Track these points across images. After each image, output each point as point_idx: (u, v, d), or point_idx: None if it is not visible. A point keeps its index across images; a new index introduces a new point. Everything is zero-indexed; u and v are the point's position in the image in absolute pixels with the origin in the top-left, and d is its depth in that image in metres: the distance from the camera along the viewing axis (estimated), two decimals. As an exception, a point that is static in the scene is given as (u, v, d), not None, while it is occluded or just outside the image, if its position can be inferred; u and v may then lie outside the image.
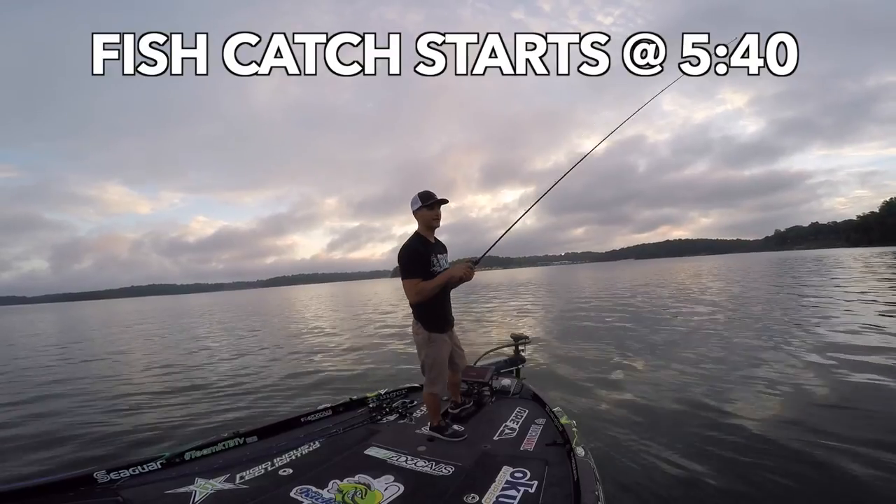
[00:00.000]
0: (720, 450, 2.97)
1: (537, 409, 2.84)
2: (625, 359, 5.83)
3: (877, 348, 5.43)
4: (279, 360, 7.56)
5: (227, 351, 9.27)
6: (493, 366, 3.44)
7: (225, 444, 2.42)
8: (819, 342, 5.96)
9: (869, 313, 8.13)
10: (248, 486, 2.02)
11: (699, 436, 3.21)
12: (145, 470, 2.13)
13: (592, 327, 8.98)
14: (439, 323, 2.57)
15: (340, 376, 6.05)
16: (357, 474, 2.04)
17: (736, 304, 11.20)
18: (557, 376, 5.21)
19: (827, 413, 3.49)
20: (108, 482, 2.01)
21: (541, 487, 1.84)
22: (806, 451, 2.86)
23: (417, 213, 2.56)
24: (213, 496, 1.92)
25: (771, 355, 5.39)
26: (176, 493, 1.94)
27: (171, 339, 12.69)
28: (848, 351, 5.35)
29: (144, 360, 8.67)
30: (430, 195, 2.54)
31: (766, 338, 6.46)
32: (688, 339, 6.85)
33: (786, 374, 4.58)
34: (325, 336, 10.69)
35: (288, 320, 16.42)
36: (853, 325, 7.01)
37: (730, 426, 3.36)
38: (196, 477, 2.08)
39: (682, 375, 4.82)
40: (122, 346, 11.78)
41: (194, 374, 6.89)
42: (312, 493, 1.88)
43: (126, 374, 7.42)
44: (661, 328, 8.20)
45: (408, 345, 7.81)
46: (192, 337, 12.74)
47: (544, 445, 2.28)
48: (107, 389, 6.11)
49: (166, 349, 10.27)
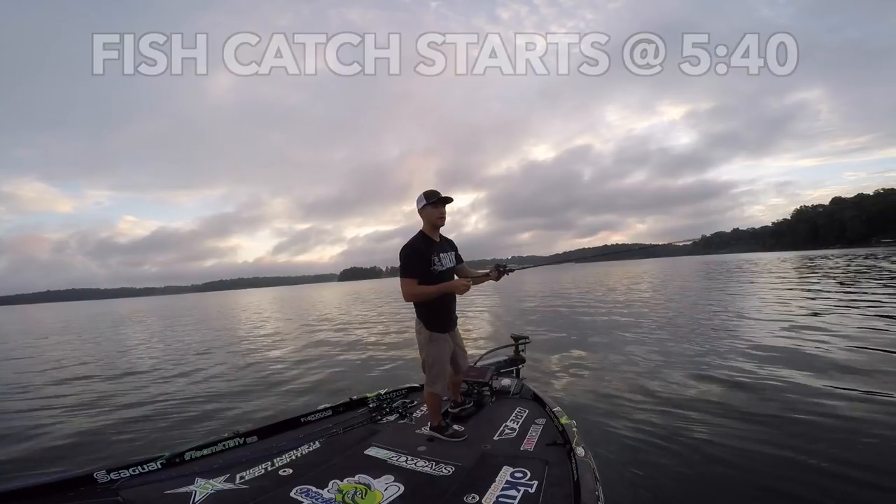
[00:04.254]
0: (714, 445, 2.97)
1: (537, 409, 2.84)
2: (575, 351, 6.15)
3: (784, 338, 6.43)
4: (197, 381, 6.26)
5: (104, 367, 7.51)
6: (493, 366, 3.43)
7: (225, 444, 2.42)
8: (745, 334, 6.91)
9: (775, 310, 9.34)
10: (248, 486, 2.02)
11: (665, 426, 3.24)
12: (145, 470, 2.13)
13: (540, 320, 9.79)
14: (441, 322, 2.56)
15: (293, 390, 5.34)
16: (357, 474, 2.04)
17: (665, 302, 12.42)
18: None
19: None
20: (108, 482, 2.01)
21: (541, 487, 1.84)
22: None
23: (423, 211, 2.54)
24: (214, 496, 1.92)
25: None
26: (176, 493, 1.94)
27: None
28: (770, 341, 6.25)
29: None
30: (434, 193, 2.52)
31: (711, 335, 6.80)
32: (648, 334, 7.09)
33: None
34: (264, 349, 9.15)
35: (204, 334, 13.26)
36: (762, 316, 8.31)
37: (717, 414, 3.40)
38: (196, 477, 2.08)
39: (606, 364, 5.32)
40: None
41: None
42: (312, 494, 1.88)
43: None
44: (600, 325, 8.83)
45: (359, 354, 7.57)
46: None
47: (544, 445, 2.28)
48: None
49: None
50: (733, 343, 6.27)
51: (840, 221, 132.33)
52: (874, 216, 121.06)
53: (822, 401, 3.72)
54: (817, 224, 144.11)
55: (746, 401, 3.88)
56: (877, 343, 5.70)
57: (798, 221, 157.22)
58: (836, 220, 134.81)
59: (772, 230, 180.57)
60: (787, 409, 3.61)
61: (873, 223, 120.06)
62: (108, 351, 10.53)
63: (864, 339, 5.98)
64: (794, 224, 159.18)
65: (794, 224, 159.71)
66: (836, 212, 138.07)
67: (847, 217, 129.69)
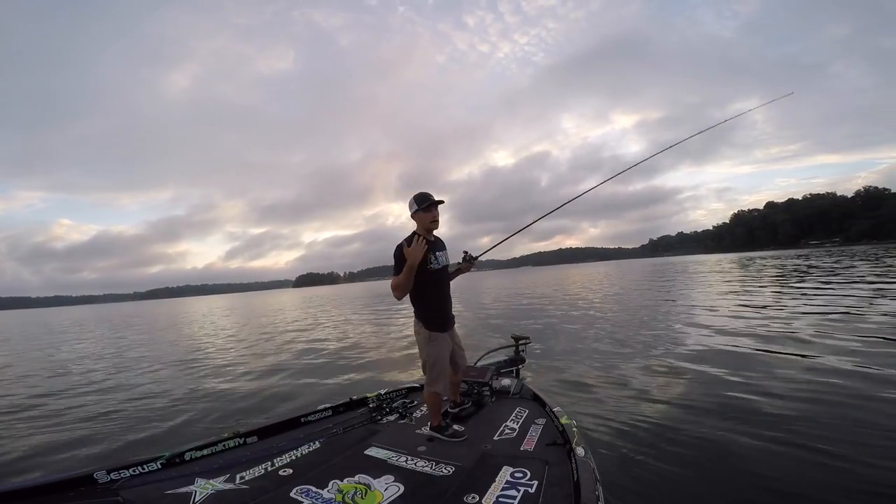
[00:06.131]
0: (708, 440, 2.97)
1: (537, 409, 2.83)
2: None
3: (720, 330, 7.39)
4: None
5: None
6: (493, 366, 3.44)
7: (225, 445, 2.42)
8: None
9: (712, 307, 10.62)
10: (248, 486, 2.02)
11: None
12: (145, 470, 2.13)
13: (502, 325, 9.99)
14: (439, 322, 2.57)
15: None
16: (357, 474, 2.04)
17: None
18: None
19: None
20: (109, 482, 2.01)
21: (541, 487, 1.84)
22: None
23: (415, 216, 2.54)
24: (214, 496, 1.92)
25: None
26: (176, 493, 1.94)
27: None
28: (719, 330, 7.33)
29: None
30: (425, 197, 2.51)
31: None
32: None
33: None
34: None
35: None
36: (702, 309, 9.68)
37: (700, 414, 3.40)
38: (196, 477, 2.08)
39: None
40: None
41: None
42: (312, 494, 1.88)
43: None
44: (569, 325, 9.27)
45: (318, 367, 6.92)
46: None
47: (544, 445, 2.28)
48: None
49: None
50: (732, 342, 6.25)
51: (773, 225, 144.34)
52: (802, 220, 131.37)
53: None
54: (753, 227, 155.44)
55: (740, 395, 3.87)
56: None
57: (736, 225, 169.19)
58: (770, 223, 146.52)
59: (712, 233, 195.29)
60: (791, 404, 3.59)
61: (802, 226, 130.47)
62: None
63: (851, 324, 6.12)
64: (733, 227, 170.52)
65: (732, 227, 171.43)
66: (770, 215, 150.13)
67: (779, 221, 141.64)
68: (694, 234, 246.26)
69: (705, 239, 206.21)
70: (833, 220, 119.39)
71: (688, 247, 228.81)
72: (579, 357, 6.05)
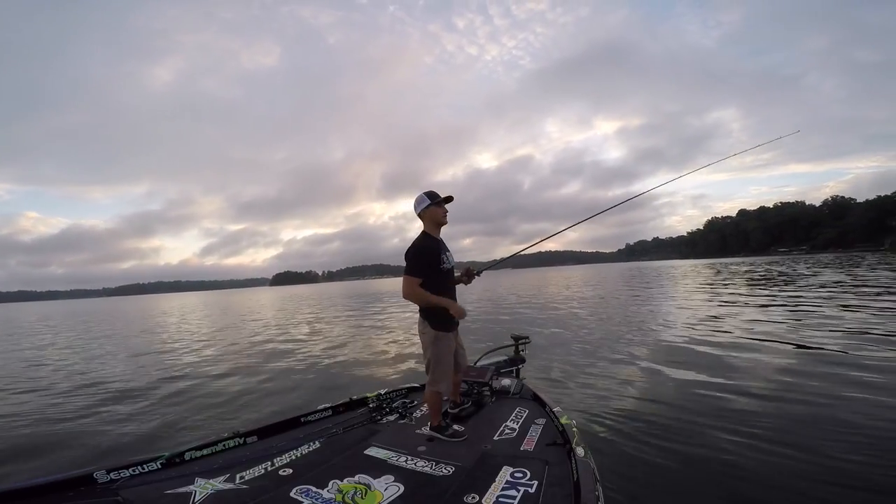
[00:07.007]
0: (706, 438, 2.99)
1: (537, 409, 2.84)
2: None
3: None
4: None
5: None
6: (493, 366, 3.44)
7: (225, 444, 2.42)
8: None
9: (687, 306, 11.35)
10: (248, 486, 2.01)
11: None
12: (145, 470, 2.12)
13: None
14: (445, 322, 2.57)
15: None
16: (357, 474, 2.04)
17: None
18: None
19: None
20: (108, 482, 2.00)
21: (541, 487, 1.85)
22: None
23: (426, 211, 2.58)
24: (213, 496, 1.91)
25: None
26: (176, 493, 1.93)
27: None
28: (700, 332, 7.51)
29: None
30: (436, 193, 2.59)
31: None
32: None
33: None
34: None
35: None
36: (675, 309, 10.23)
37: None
38: (196, 477, 2.07)
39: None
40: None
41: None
42: (312, 493, 1.88)
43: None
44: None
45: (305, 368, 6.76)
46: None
47: (544, 445, 2.29)
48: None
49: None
50: (730, 342, 6.35)
51: (745, 232, 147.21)
52: (772, 227, 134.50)
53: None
54: (725, 234, 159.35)
55: (739, 396, 3.92)
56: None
57: (709, 231, 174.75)
58: (742, 230, 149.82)
59: (687, 239, 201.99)
60: (786, 403, 3.66)
61: (772, 234, 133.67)
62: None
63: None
64: (706, 234, 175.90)
65: (705, 234, 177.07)
66: (742, 223, 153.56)
67: (750, 228, 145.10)
68: (669, 240, 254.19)
69: (680, 245, 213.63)
70: (801, 228, 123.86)
71: (663, 252, 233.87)
72: (578, 357, 6.08)
